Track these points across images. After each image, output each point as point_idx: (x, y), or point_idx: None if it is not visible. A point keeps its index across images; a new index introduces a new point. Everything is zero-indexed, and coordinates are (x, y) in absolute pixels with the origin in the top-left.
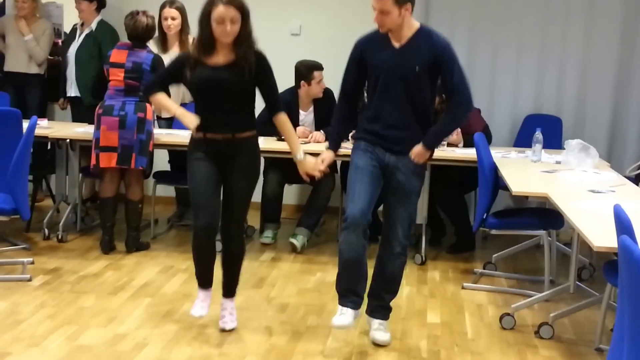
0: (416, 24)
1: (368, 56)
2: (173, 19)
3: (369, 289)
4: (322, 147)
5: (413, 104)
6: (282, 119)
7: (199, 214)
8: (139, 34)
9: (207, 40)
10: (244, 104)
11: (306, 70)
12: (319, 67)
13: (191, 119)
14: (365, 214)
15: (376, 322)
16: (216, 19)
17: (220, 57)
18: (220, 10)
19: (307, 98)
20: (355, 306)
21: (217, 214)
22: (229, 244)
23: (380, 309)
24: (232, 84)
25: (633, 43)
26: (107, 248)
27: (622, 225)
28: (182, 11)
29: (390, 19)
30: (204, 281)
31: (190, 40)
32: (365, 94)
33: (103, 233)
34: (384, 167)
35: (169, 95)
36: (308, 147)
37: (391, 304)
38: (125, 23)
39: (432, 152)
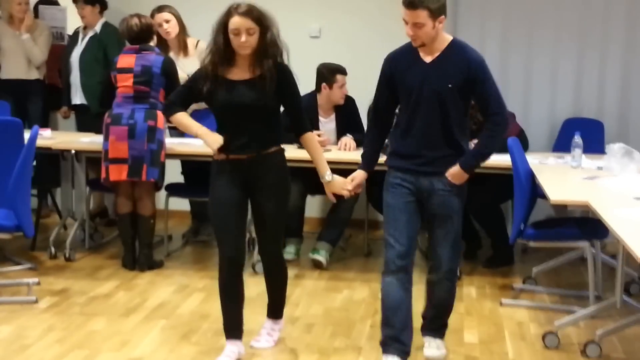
0: (448, 37)
1: (398, 73)
2: (167, 21)
3: (423, 312)
4: (351, 155)
5: (447, 122)
6: (309, 138)
7: (223, 246)
8: (136, 35)
9: (224, 53)
10: (268, 120)
11: (329, 73)
12: (342, 70)
13: (214, 140)
14: (404, 258)
15: (433, 341)
16: (232, 30)
17: (241, 71)
18: (236, 20)
19: (327, 103)
20: (401, 354)
21: (242, 245)
22: (268, 264)
23: (433, 329)
24: (255, 101)
25: None
26: (131, 264)
27: None
28: (174, 13)
29: (424, 32)
30: (232, 328)
31: (191, 42)
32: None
33: (125, 249)
34: (419, 193)
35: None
36: (332, 155)
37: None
38: (120, 31)
39: (470, 174)
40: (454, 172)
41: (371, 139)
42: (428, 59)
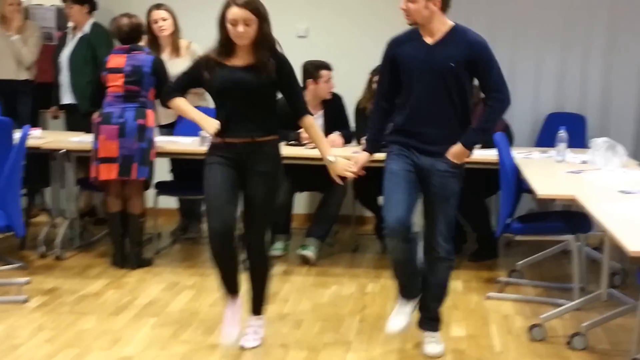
0: (450, 22)
1: (400, 54)
2: (164, 19)
3: (419, 301)
4: (339, 151)
5: (449, 102)
6: (309, 122)
7: (212, 218)
8: (126, 35)
9: (224, 42)
10: (264, 107)
11: (313, 69)
12: (326, 66)
13: (211, 124)
14: (403, 222)
15: (427, 336)
16: (230, 21)
17: (240, 60)
18: (233, 11)
19: (314, 100)
20: (412, 296)
21: (232, 218)
22: (251, 256)
23: (428, 321)
24: (252, 84)
25: None
26: (121, 263)
27: None
28: (171, 12)
29: (415, 8)
30: (228, 288)
31: (185, 44)
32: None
33: (115, 248)
34: (419, 170)
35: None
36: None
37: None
38: (110, 30)
39: (471, 152)
40: (456, 151)
41: (375, 123)
42: (430, 40)
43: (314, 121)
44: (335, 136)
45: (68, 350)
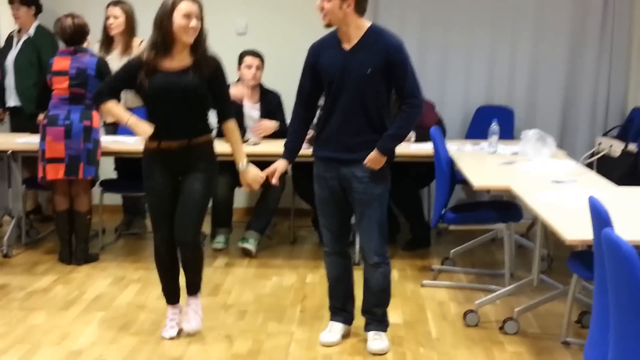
0: (366, 24)
1: (320, 61)
2: (115, 17)
3: (362, 305)
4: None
5: (366, 109)
6: (231, 127)
7: (157, 230)
8: (70, 36)
9: (166, 41)
10: (199, 109)
11: (240, 55)
12: (250, 52)
13: (144, 129)
14: (337, 241)
15: (371, 334)
16: (184, 14)
17: (176, 62)
18: (187, 4)
19: (248, 88)
20: (344, 320)
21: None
22: (183, 250)
23: (375, 322)
24: (191, 90)
25: (583, 32)
26: (68, 258)
27: (600, 217)
28: (127, 11)
29: (330, 8)
30: (170, 296)
31: (137, 42)
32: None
33: (62, 244)
34: (341, 181)
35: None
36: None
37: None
38: (54, 31)
39: (389, 157)
40: (372, 158)
41: (294, 129)
42: (347, 46)
43: (236, 126)
44: (268, 122)
45: (19, 346)
